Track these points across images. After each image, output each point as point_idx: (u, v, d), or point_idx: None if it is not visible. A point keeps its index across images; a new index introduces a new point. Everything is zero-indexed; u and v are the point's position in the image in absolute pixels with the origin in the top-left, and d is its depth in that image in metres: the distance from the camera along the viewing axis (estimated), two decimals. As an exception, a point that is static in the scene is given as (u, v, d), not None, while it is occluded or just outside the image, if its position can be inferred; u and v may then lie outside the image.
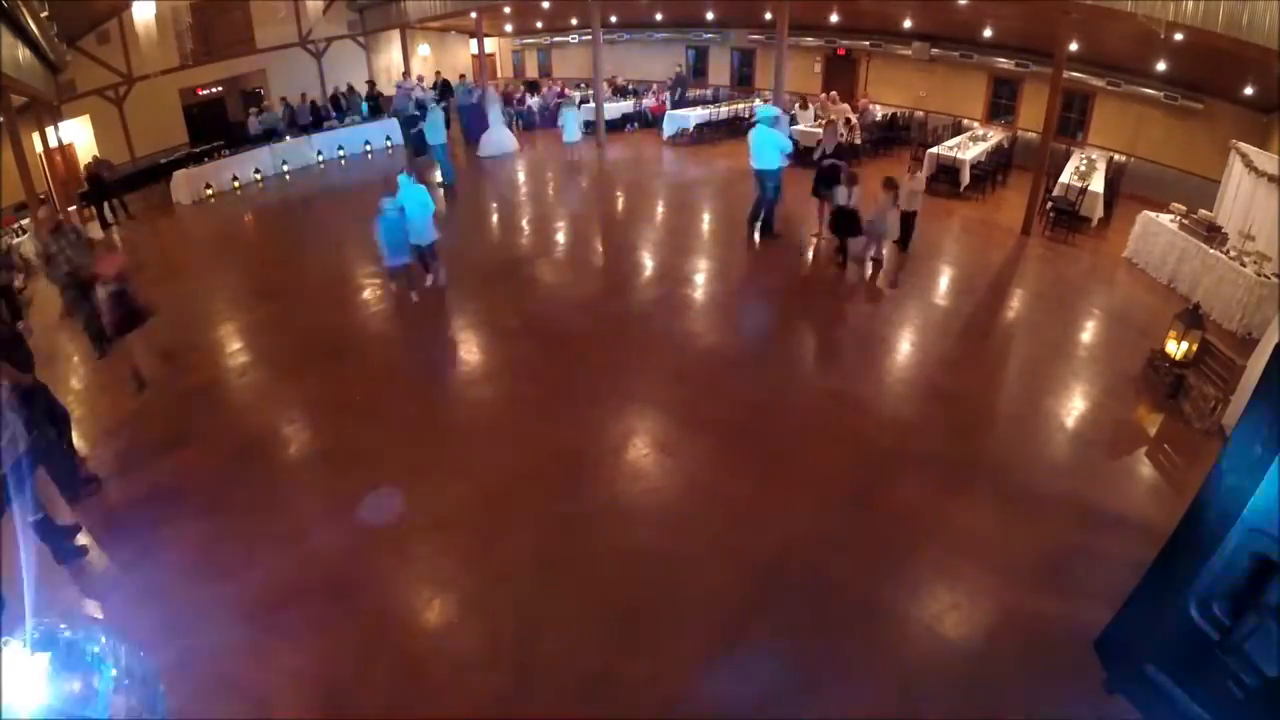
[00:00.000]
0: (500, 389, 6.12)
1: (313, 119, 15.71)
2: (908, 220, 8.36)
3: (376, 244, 7.45)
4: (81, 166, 12.90)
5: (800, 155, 12.83)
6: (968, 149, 11.53)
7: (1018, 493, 4.69)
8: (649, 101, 16.95)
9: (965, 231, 9.99)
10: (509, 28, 21.03)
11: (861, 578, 3.99)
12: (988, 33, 12.40)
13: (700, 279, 8.18)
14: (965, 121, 13.79)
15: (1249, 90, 9.47)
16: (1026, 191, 9.62)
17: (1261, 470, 2.59)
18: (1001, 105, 13.65)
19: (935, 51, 13.72)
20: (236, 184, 13.36)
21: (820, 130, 12.50)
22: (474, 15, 16.20)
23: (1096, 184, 9.80)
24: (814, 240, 8.96)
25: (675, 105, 16.09)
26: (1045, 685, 3.35)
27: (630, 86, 18.01)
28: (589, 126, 14.92)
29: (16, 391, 4.21)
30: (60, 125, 12.84)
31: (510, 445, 5.25)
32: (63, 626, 1.18)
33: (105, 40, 13.67)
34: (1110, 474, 5.01)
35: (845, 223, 7.95)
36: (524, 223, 10.78)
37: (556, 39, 20.59)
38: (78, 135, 13.78)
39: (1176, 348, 5.71)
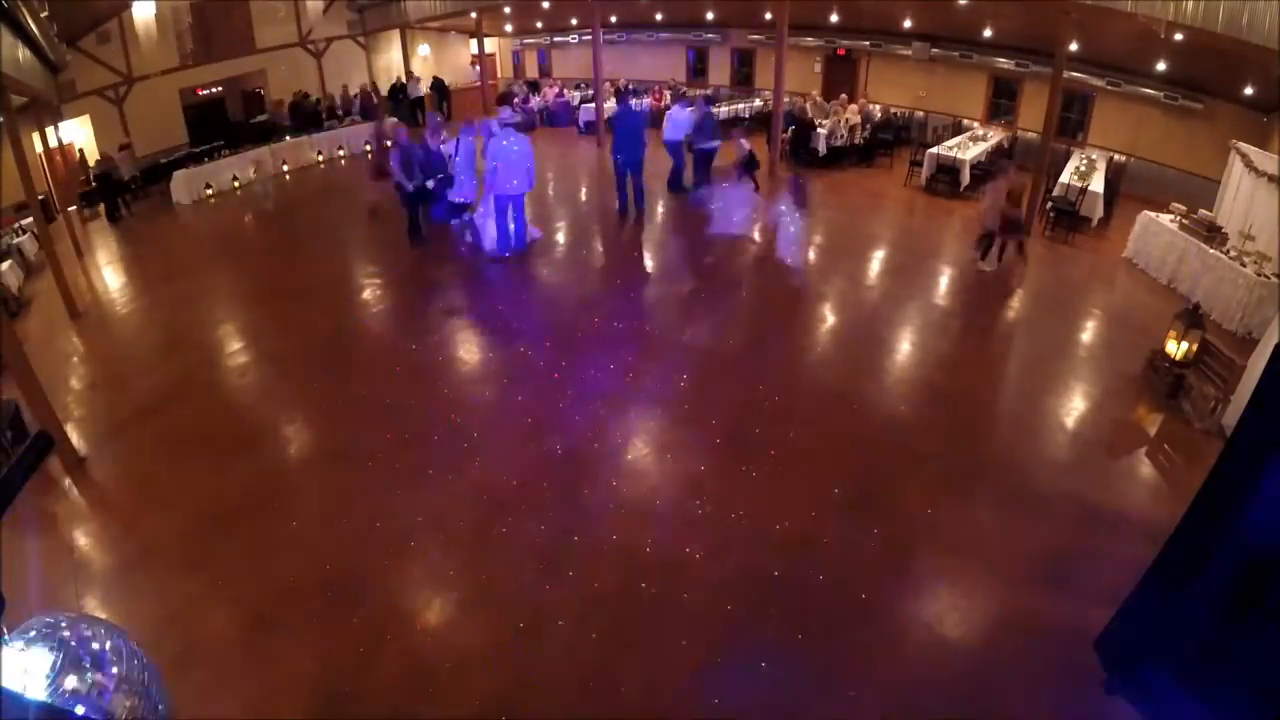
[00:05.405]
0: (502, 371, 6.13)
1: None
2: None
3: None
4: (93, 162, 12.92)
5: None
6: (968, 149, 11.53)
7: (1018, 492, 4.70)
8: (647, 101, 16.95)
9: (965, 231, 9.97)
10: (509, 28, 21.02)
11: (861, 577, 4.00)
12: (988, 33, 12.40)
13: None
14: (965, 121, 13.79)
15: (1249, 90, 9.47)
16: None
17: (1261, 470, 2.59)
18: (1001, 105, 13.65)
19: (935, 51, 13.72)
20: (236, 184, 13.37)
21: (823, 129, 12.56)
22: (474, 15, 16.20)
23: (1096, 184, 9.79)
24: None
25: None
26: (1045, 685, 3.35)
27: (630, 87, 17.99)
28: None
29: None
30: (60, 125, 12.84)
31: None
32: (63, 624, 1.18)
33: (105, 40, 13.65)
34: (1110, 474, 5.02)
35: None
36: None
37: (557, 39, 20.59)
38: (78, 135, 13.78)
39: (1176, 348, 5.71)
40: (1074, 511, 4.52)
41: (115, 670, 1.16)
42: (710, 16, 16.48)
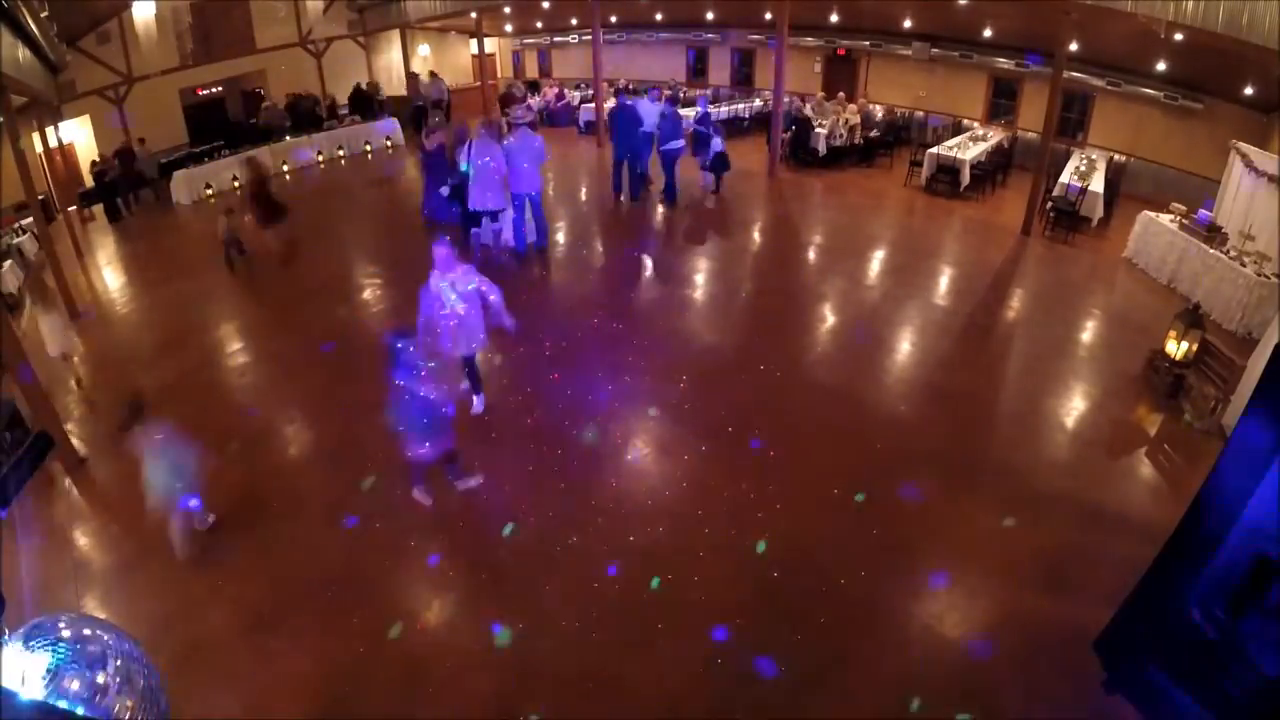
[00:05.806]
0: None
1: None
2: None
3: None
4: (95, 158, 12.91)
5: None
6: (968, 149, 11.52)
7: (1018, 492, 4.69)
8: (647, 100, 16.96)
9: (965, 231, 9.99)
10: (509, 28, 21.01)
11: (861, 578, 4.00)
12: (988, 33, 12.39)
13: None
14: (965, 121, 13.78)
15: (1249, 90, 9.46)
16: (1026, 191, 9.62)
17: (1261, 470, 2.59)
18: (1001, 105, 13.65)
19: (935, 51, 13.71)
20: (236, 184, 13.35)
21: (823, 129, 12.56)
22: (474, 15, 16.20)
23: (1096, 184, 9.79)
24: None
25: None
26: (1045, 685, 3.35)
27: (629, 88, 17.99)
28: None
29: None
30: (60, 125, 12.84)
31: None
32: (62, 624, 1.18)
33: (105, 40, 13.64)
34: (1110, 474, 5.02)
35: None
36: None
37: (556, 39, 20.58)
38: (78, 135, 13.78)
39: (1176, 348, 5.71)
40: (1074, 511, 4.52)
41: (114, 670, 1.16)
42: (710, 16, 16.46)
